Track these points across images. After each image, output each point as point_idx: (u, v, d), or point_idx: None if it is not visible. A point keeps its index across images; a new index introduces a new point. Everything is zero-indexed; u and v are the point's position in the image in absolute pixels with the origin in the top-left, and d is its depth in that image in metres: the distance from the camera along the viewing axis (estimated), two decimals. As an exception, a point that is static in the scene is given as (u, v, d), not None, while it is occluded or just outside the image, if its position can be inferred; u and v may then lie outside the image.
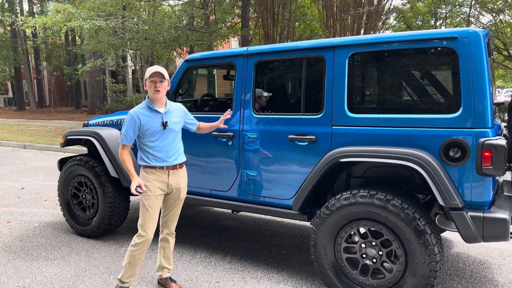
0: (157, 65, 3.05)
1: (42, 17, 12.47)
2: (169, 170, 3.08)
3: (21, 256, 4.04)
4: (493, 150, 2.58)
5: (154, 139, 3.03)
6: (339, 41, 3.15)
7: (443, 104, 2.91)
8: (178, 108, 3.20)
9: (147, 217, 3.04)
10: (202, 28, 15.37)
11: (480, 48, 2.68)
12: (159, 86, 2.98)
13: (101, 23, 11.33)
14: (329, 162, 3.03)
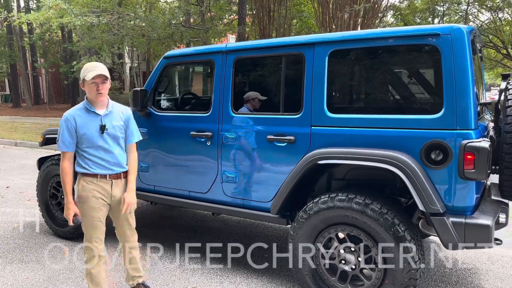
0: (97, 62, 2.77)
1: (34, 13, 12.33)
2: (112, 179, 2.79)
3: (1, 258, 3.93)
4: (476, 152, 2.45)
5: (94, 144, 2.72)
6: (319, 38, 3.01)
7: (424, 104, 2.78)
8: (122, 110, 2.89)
9: (92, 231, 2.77)
10: (197, 25, 15.24)
11: (464, 45, 2.55)
12: (101, 88, 2.69)
13: (93, 20, 11.18)
14: (307, 164, 2.90)
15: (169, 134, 3.75)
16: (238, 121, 3.34)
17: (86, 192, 2.74)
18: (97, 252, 2.80)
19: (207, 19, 14.47)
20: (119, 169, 2.82)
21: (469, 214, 2.59)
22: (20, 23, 12.35)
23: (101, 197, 2.77)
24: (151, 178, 3.94)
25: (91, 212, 2.76)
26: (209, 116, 3.48)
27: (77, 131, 2.69)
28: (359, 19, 12.31)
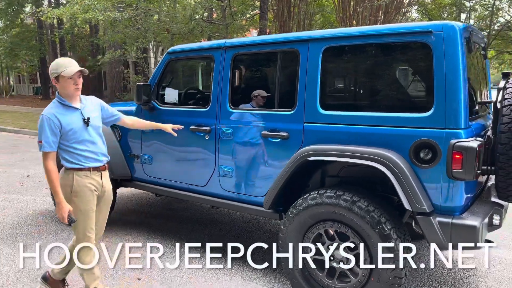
0: (69, 58, 2.80)
1: (62, 8, 12.72)
2: (101, 171, 2.86)
3: (7, 243, 4.14)
4: (464, 152, 2.42)
5: (80, 138, 2.73)
6: (313, 35, 3.02)
7: (415, 103, 2.76)
8: (93, 101, 2.92)
9: (89, 221, 2.80)
10: (218, 20, 15.34)
11: (456, 43, 2.51)
12: (79, 83, 2.70)
13: (116, 15, 11.44)
14: (298, 160, 2.93)
15: (171, 128, 3.84)
16: (235, 116, 3.39)
17: (81, 186, 2.75)
18: (91, 240, 2.84)
19: (227, 15, 14.55)
20: (106, 158, 2.89)
21: (457, 214, 2.57)
22: (47, 18, 12.74)
23: (95, 189, 2.82)
24: (154, 170, 4.06)
25: (87, 204, 2.78)
26: (208, 111, 3.55)
27: (61, 129, 2.67)
28: (380, 14, 12.11)
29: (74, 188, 2.74)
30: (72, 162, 2.74)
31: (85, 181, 2.77)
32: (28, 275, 3.47)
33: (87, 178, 2.78)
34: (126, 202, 5.55)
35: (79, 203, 2.75)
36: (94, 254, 2.87)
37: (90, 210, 2.81)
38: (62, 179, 2.74)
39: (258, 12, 17.54)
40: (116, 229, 4.52)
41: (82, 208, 2.76)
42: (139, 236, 4.33)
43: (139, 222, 4.80)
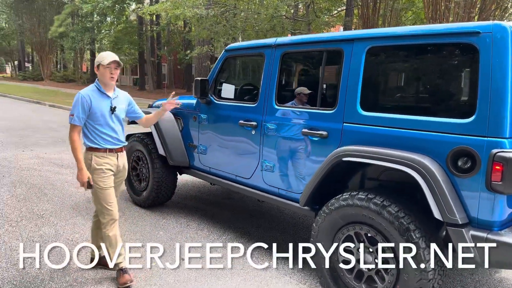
0: (111, 52, 3.16)
1: (156, 5, 13.77)
2: (117, 152, 3.20)
3: (82, 215, 4.71)
4: (504, 163, 2.24)
5: (103, 122, 3.09)
6: (358, 34, 2.98)
7: (457, 108, 2.59)
8: (125, 96, 3.31)
9: (106, 196, 3.12)
10: (302, 17, 15.36)
11: (506, 45, 2.32)
12: (114, 74, 3.07)
13: (202, 12, 12.07)
14: (333, 159, 2.93)
15: (223, 121, 4.06)
16: (279, 113, 3.48)
17: (99, 165, 3.10)
18: (113, 214, 3.16)
19: (310, 11, 14.50)
20: (121, 143, 3.23)
21: (495, 229, 2.38)
22: (143, 14, 13.89)
23: (110, 168, 3.16)
24: (207, 160, 4.31)
25: (105, 181, 3.12)
26: (255, 107, 3.68)
27: (91, 108, 3.04)
28: (476, 10, 11.13)
29: (92, 166, 3.11)
30: (93, 141, 3.10)
31: (101, 161, 3.12)
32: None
33: (104, 158, 3.13)
34: (190, 188, 5.94)
35: (96, 180, 3.11)
36: (115, 226, 3.19)
37: (108, 186, 3.15)
38: (83, 159, 3.09)
39: (343, 9, 17.17)
40: (174, 212, 4.89)
41: (100, 185, 3.12)
42: (192, 221, 4.63)
43: (195, 207, 5.12)
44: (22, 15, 36.27)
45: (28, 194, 5.40)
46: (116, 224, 3.22)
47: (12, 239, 3.99)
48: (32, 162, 7.18)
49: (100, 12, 21.27)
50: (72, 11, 29.40)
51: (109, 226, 3.18)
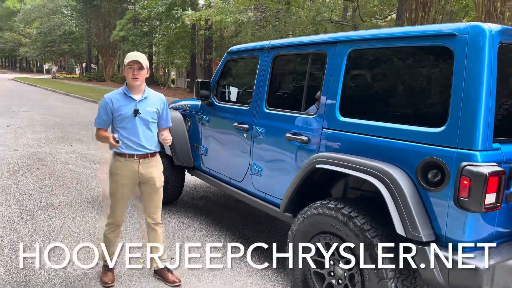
0: (138, 52, 3.06)
1: (201, 11, 14.16)
2: (139, 159, 3.04)
3: (93, 209, 4.93)
4: (472, 178, 2.04)
5: (126, 125, 2.99)
6: (341, 36, 2.86)
7: (430, 116, 2.40)
8: (157, 98, 3.14)
9: (114, 203, 3.12)
10: (347, 21, 15.03)
11: (482, 49, 2.12)
12: (137, 74, 2.94)
13: (242, 17, 12.23)
14: (308, 166, 2.83)
15: (222, 123, 4.07)
16: (268, 116, 3.42)
17: (115, 170, 3.06)
18: (116, 221, 3.18)
19: (356, 15, 14.15)
20: (145, 150, 3.06)
21: (465, 250, 2.16)
22: (190, 20, 14.34)
23: (129, 175, 3.05)
24: (207, 161, 4.35)
25: (118, 188, 3.08)
26: (248, 110, 3.66)
27: (113, 111, 2.99)
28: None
29: (111, 169, 3.12)
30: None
31: (119, 165, 3.05)
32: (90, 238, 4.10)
33: (122, 163, 3.05)
34: (203, 189, 6.01)
35: (111, 184, 3.11)
36: (118, 233, 3.24)
37: (120, 193, 3.10)
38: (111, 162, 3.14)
39: (393, 13, 16.56)
40: (180, 211, 4.97)
41: (112, 190, 3.11)
42: (194, 221, 4.68)
43: (201, 208, 5.17)
44: (90, 20, 38.83)
45: (53, 186, 5.75)
46: (118, 230, 3.22)
47: (23, 227, 4.27)
48: (67, 157, 7.64)
49: (155, 17, 22.24)
50: (132, 16, 31.02)
51: (110, 228, 3.21)
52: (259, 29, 14.44)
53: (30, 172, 6.41)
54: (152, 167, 3.14)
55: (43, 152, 7.94)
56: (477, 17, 11.35)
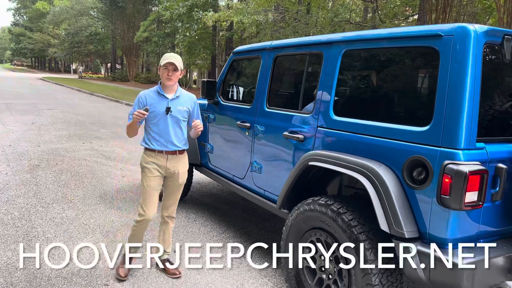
0: (175, 54, 3.20)
1: (220, 12, 14.35)
2: (168, 155, 3.17)
3: (105, 203, 5.13)
4: (453, 176, 2.08)
5: (157, 122, 3.13)
6: (336, 37, 2.93)
7: (416, 115, 2.43)
8: (188, 98, 3.28)
9: (146, 196, 3.18)
10: (367, 22, 14.94)
11: (467, 49, 2.15)
12: (171, 75, 3.10)
13: (260, 18, 12.33)
14: (302, 163, 2.91)
15: (226, 122, 4.18)
16: (268, 115, 3.51)
17: (145, 163, 3.20)
18: (146, 215, 3.19)
19: (375, 16, 14.04)
20: (174, 147, 3.19)
21: (447, 247, 2.20)
22: (209, 21, 14.55)
23: (157, 169, 3.18)
24: (213, 159, 4.46)
25: (147, 181, 3.18)
26: (250, 109, 3.75)
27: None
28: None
29: (141, 163, 3.27)
30: (145, 141, 3.22)
31: (148, 159, 3.20)
32: (101, 232, 4.28)
33: (151, 158, 3.19)
34: (212, 187, 6.14)
35: (142, 178, 3.25)
36: (144, 227, 3.27)
37: (150, 186, 3.19)
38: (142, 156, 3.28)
39: (413, 14, 16.35)
40: (188, 207, 5.11)
41: (143, 183, 3.23)
42: (201, 217, 4.81)
43: (209, 204, 5.30)
44: (115, 21, 39.76)
45: (69, 181, 6.00)
46: (146, 225, 3.27)
47: (38, 218, 4.50)
48: (85, 153, 7.92)
49: (177, 18, 22.63)
50: (156, 17, 31.63)
51: (140, 224, 3.23)
52: (278, 30, 14.53)
53: (49, 167, 6.69)
54: (178, 163, 3.27)
55: (63, 148, 8.25)
56: (498, 18, 11.11)
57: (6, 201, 4.94)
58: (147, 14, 36.26)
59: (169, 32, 27.58)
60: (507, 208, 2.34)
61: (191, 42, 24.90)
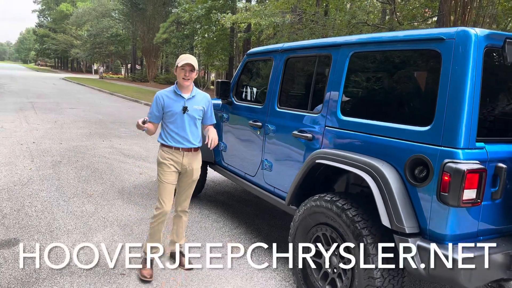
0: (190, 55, 3.31)
1: (237, 14, 14.53)
2: (184, 151, 3.31)
3: (123, 198, 5.33)
4: (451, 174, 2.16)
5: (174, 121, 3.27)
6: (346, 40, 3.03)
7: (419, 115, 2.52)
8: (203, 97, 3.41)
9: (162, 190, 3.31)
10: (384, 24, 14.88)
11: (467, 52, 2.23)
12: (188, 75, 3.23)
13: (277, 20, 12.45)
14: (309, 161, 3.02)
15: (239, 121, 4.32)
16: (279, 115, 3.63)
17: (162, 159, 3.32)
18: (163, 210, 3.31)
19: (392, 19, 13.99)
20: (190, 144, 3.33)
21: (446, 243, 2.28)
22: (226, 22, 14.76)
23: (173, 164, 3.32)
24: (226, 157, 4.61)
25: (164, 176, 3.32)
26: (262, 109, 3.88)
27: (164, 107, 3.28)
28: None
29: (158, 159, 3.41)
30: (162, 137, 3.36)
31: (165, 155, 3.33)
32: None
33: (168, 154, 3.32)
34: (226, 185, 6.29)
35: (159, 173, 3.38)
36: (162, 221, 3.37)
37: (166, 181, 3.33)
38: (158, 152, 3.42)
39: (432, 15, 16.20)
40: (202, 203, 5.27)
41: (160, 178, 3.36)
42: (214, 213, 4.96)
43: (222, 201, 5.45)
44: (135, 23, 40.49)
45: (89, 176, 6.24)
46: (164, 219, 3.37)
47: (59, 211, 4.72)
48: (105, 151, 8.18)
49: (196, 20, 22.95)
50: (175, 19, 32.11)
51: (157, 218, 3.34)
52: (295, 32, 14.62)
53: (70, 163, 6.96)
54: (193, 160, 3.41)
55: (84, 146, 8.54)
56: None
57: (30, 195, 5.19)
58: (167, 16, 36.81)
59: (188, 33, 27.95)
60: (508, 207, 2.40)
61: (209, 44, 25.20)
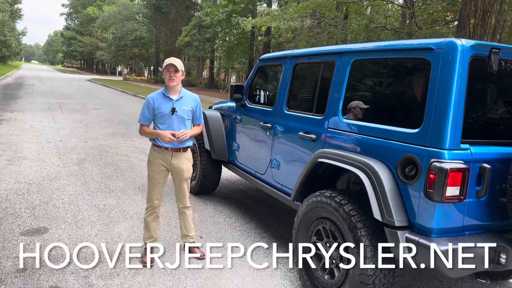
0: (174, 58, 3.47)
1: (257, 18, 14.83)
2: (172, 151, 3.48)
3: (143, 194, 5.65)
4: (436, 172, 2.37)
5: (163, 122, 3.44)
6: (348, 48, 3.26)
7: (409, 118, 2.73)
8: (192, 98, 3.57)
9: (152, 187, 3.57)
10: (403, 28, 14.92)
11: (453, 61, 2.44)
12: (173, 76, 3.38)
13: (296, 24, 12.69)
14: (312, 160, 3.25)
15: (251, 123, 4.59)
16: (287, 117, 3.88)
17: (152, 158, 3.56)
18: (154, 205, 3.61)
19: (412, 23, 14.03)
20: (178, 145, 3.50)
21: (433, 236, 2.48)
22: (247, 26, 15.09)
23: (162, 163, 3.53)
24: (239, 156, 4.89)
25: (154, 174, 3.56)
26: (272, 111, 4.14)
27: (154, 109, 3.47)
28: None
29: (148, 158, 3.68)
30: (153, 138, 3.56)
31: (156, 154, 3.56)
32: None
33: (157, 153, 3.55)
34: (240, 184, 6.56)
35: (148, 171, 3.65)
36: (155, 217, 3.63)
37: (156, 179, 3.58)
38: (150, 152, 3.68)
39: (453, 20, 16.11)
40: (216, 200, 5.55)
41: (149, 176, 3.63)
42: (227, 209, 5.24)
43: (235, 199, 5.73)
44: (158, 26, 41.43)
45: (112, 173, 6.62)
46: (155, 213, 3.62)
47: (84, 204, 5.09)
48: (127, 150, 8.59)
49: (217, 24, 23.47)
50: (197, 22, 32.75)
51: (148, 211, 3.65)
52: (314, 36, 14.82)
53: (95, 161, 7.37)
54: (183, 160, 3.59)
55: (107, 144, 8.97)
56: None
57: (58, 189, 5.59)
58: (189, 19, 37.52)
59: (209, 37, 28.52)
60: (492, 204, 2.59)
61: (229, 47, 25.63)
